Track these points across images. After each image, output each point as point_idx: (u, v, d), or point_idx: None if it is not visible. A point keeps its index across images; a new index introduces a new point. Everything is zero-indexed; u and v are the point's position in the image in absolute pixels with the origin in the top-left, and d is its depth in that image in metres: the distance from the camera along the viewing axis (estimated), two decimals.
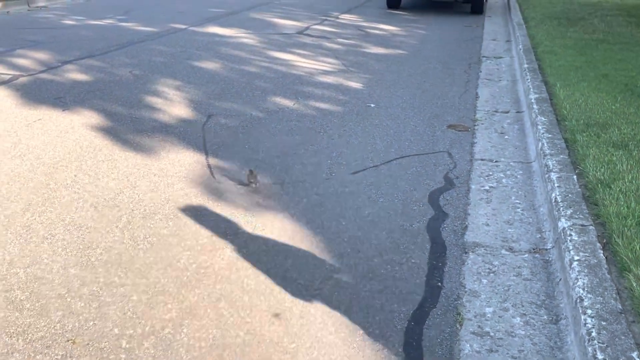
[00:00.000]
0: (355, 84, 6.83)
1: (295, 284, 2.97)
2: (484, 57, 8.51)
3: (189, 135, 5.01)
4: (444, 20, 12.08)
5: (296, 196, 3.96)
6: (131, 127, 5.17)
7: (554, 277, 3.10)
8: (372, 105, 6.04)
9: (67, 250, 3.21)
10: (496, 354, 2.54)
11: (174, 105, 5.82)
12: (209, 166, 4.40)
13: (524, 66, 7.01)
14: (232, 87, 6.54)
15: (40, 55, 7.83)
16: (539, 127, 4.81)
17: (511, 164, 4.59)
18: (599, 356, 2.27)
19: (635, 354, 2.29)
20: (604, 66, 6.87)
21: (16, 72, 6.88)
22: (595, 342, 2.35)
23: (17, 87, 6.27)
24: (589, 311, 2.54)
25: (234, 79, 6.89)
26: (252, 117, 5.53)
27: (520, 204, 3.92)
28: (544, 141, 4.48)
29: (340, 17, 12.18)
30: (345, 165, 4.48)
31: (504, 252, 3.34)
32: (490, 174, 4.39)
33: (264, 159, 4.56)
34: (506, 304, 2.87)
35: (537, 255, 3.32)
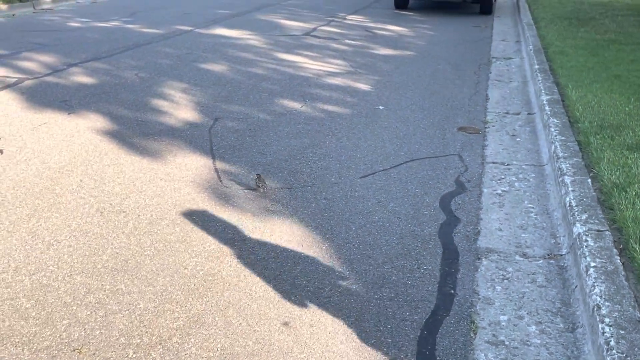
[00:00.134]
0: (363, 86, 6.78)
1: (304, 291, 2.93)
2: (493, 58, 8.46)
3: (195, 138, 4.98)
4: (453, 20, 12.02)
5: (304, 201, 3.92)
6: (137, 130, 5.14)
7: (569, 283, 3.05)
8: (380, 107, 5.99)
9: (73, 256, 3.18)
10: None
11: (180, 108, 5.79)
12: (216, 170, 4.36)
13: (535, 67, 6.95)
14: (239, 89, 6.51)
15: (45, 57, 7.82)
16: (552, 129, 4.76)
17: (523, 167, 4.54)
18: None
19: None
20: (616, 67, 6.80)
21: (22, 75, 6.87)
22: (614, 351, 2.30)
23: (23, 90, 6.25)
24: (607, 319, 2.49)
25: (240, 81, 6.86)
26: (259, 119, 5.49)
27: (533, 208, 3.87)
28: (556, 144, 4.43)
29: (347, 18, 12.14)
30: (354, 168, 4.44)
31: (518, 258, 3.29)
32: (502, 177, 4.34)
33: (271, 162, 4.53)
34: (521, 312, 2.82)
35: (551, 261, 3.27)
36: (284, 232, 3.50)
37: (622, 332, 2.40)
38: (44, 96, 6.06)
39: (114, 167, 4.36)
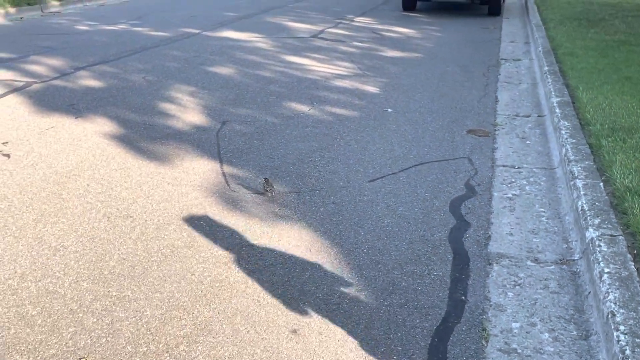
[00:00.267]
0: (371, 88, 6.74)
1: (313, 297, 2.89)
2: (502, 59, 8.40)
3: (203, 142, 4.95)
4: (461, 22, 11.97)
5: (313, 205, 3.88)
6: (144, 134, 5.12)
7: (582, 289, 3.00)
8: (389, 110, 5.95)
9: (80, 262, 3.15)
10: None
11: (187, 111, 5.77)
12: (223, 174, 4.33)
13: (545, 69, 6.89)
14: (247, 92, 6.48)
15: (53, 61, 7.82)
16: (562, 131, 4.71)
17: (534, 170, 4.48)
18: None
19: None
20: (626, 68, 6.73)
21: (29, 79, 6.87)
22: None
23: (30, 94, 6.25)
24: (622, 327, 2.43)
25: (248, 84, 6.83)
26: (267, 123, 5.46)
27: (544, 212, 3.82)
28: (567, 147, 4.38)
29: (355, 20, 12.10)
30: (362, 172, 4.40)
31: (530, 263, 3.24)
32: (512, 180, 4.29)
33: (279, 166, 4.49)
34: (533, 319, 2.77)
35: (564, 266, 3.21)
36: (292, 237, 3.46)
37: (637, 340, 2.35)
38: (51, 100, 6.06)
39: (121, 171, 4.34)
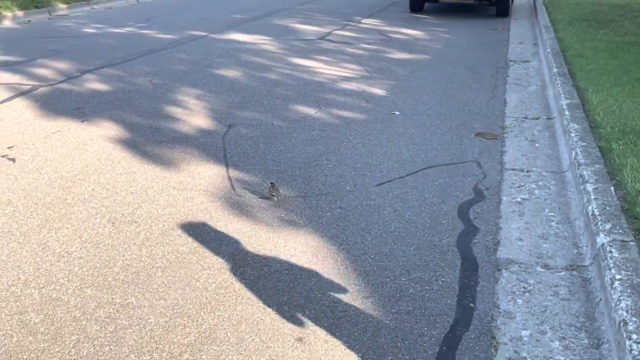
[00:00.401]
0: (378, 91, 6.70)
1: (319, 305, 2.85)
2: (511, 61, 8.34)
3: (209, 146, 4.92)
4: (469, 23, 11.90)
5: (319, 210, 3.84)
6: (150, 138, 5.10)
7: (593, 296, 2.94)
8: (396, 112, 5.90)
9: (84, 269, 3.12)
10: None
11: (194, 115, 5.74)
12: (229, 178, 4.30)
13: (554, 70, 6.82)
14: (253, 95, 6.45)
15: (60, 64, 7.82)
16: (572, 134, 4.65)
17: (543, 174, 4.42)
18: None
19: None
20: (637, 70, 6.66)
21: (36, 82, 6.86)
22: None
23: (37, 98, 6.24)
24: (634, 336, 2.38)
25: (254, 87, 6.80)
26: (273, 126, 5.43)
27: (554, 217, 3.76)
28: (577, 150, 4.32)
29: (362, 21, 12.06)
30: (369, 176, 4.36)
31: (540, 269, 3.18)
32: (521, 184, 4.24)
33: (285, 170, 4.45)
34: (544, 327, 2.72)
35: (574, 272, 3.16)
36: (298, 243, 3.42)
37: None
38: (57, 103, 6.04)
39: (126, 175, 4.31)
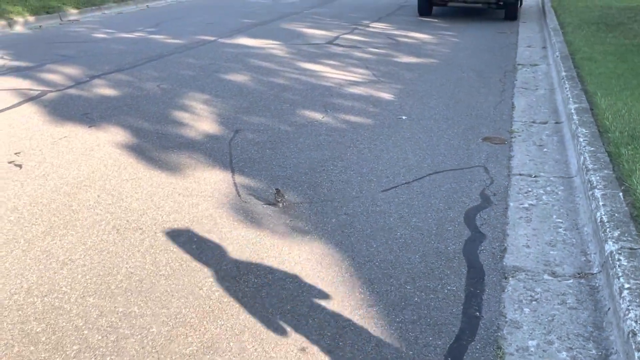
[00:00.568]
0: (386, 95, 6.65)
1: (323, 314, 2.80)
2: (519, 64, 8.26)
3: (215, 151, 4.89)
4: (477, 27, 11.83)
5: (324, 216, 3.79)
6: (157, 143, 5.07)
7: (601, 305, 2.88)
8: (403, 117, 5.85)
9: (87, 277, 3.09)
10: None
11: (201, 120, 5.72)
12: (235, 184, 4.26)
13: (562, 74, 6.75)
14: (260, 100, 6.42)
15: (69, 69, 7.82)
16: (580, 139, 4.58)
17: (551, 179, 4.36)
18: None
19: None
20: None
21: (45, 88, 6.86)
22: None
23: (45, 103, 6.23)
24: None
25: (262, 91, 6.77)
26: (280, 131, 5.39)
27: (562, 223, 3.70)
28: (586, 155, 4.25)
29: (370, 25, 12.01)
30: (375, 182, 4.31)
31: (547, 277, 3.12)
32: (529, 190, 4.17)
33: (291, 175, 4.41)
34: (551, 337, 2.66)
35: (582, 280, 3.10)
36: (302, 250, 3.38)
37: None
38: (65, 109, 6.03)
39: (132, 181, 4.28)
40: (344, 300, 2.92)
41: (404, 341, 2.62)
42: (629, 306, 2.56)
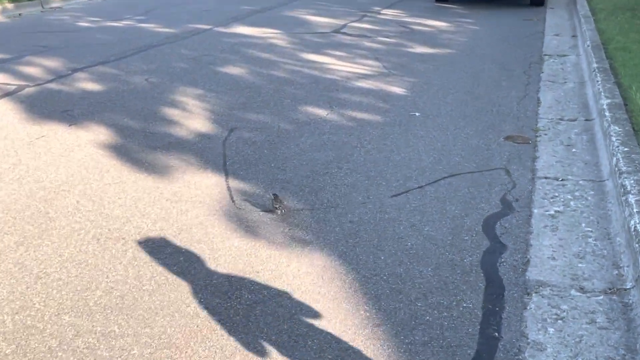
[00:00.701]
0: (397, 90, 6.62)
1: (323, 334, 2.77)
2: (546, 55, 8.22)
3: (207, 152, 4.87)
4: (499, 13, 11.79)
5: (327, 224, 3.77)
6: (144, 143, 5.06)
7: (635, 324, 2.84)
8: (416, 114, 5.83)
9: (63, 292, 3.07)
10: None
11: (193, 117, 5.70)
12: (228, 189, 4.24)
13: (593, 66, 6.71)
14: (259, 95, 6.40)
15: (50, 62, 7.83)
16: (613, 138, 4.54)
17: (580, 182, 4.32)
18: None
19: None
20: None
21: (22, 82, 6.87)
22: None
23: (22, 99, 6.24)
24: None
25: (261, 85, 6.75)
26: (279, 129, 5.37)
27: (592, 232, 3.66)
28: (619, 156, 4.21)
29: (381, 12, 12.00)
30: (384, 186, 4.28)
31: (574, 292, 3.08)
32: (555, 195, 4.14)
33: (291, 179, 4.39)
34: None
35: (614, 296, 3.05)
36: (302, 262, 3.35)
37: None
38: (44, 106, 6.03)
39: (115, 186, 4.27)
40: (347, 318, 2.89)
41: None
42: None
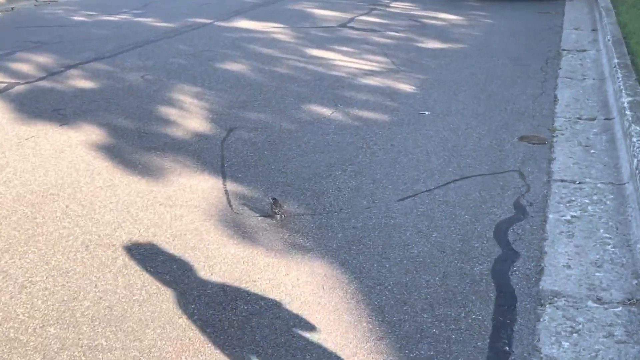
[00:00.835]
0: (406, 87, 6.61)
1: (323, 348, 2.75)
2: (564, 50, 8.19)
3: (205, 153, 4.86)
4: (515, 6, 11.75)
5: (329, 230, 3.74)
6: (138, 144, 5.05)
7: None
8: (426, 112, 5.81)
9: (48, 302, 3.06)
10: None
11: (190, 116, 5.70)
12: (226, 192, 4.22)
13: (614, 61, 6.68)
14: (260, 92, 6.39)
15: (42, 58, 7.84)
16: (634, 139, 4.50)
17: (599, 186, 4.29)
18: None
19: None
20: None
21: (13, 80, 6.88)
22: None
23: (12, 98, 6.24)
24: None
25: (262, 82, 6.74)
26: (281, 129, 5.36)
27: (610, 239, 3.62)
28: None
29: (391, 5, 11.99)
30: (391, 189, 4.26)
31: (591, 304, 3.05)
32: (572, 199, 4.11)
33: (292, 182, 4.37)
34: None
35: (633, 308, 3.02)
36: (302, 271, 3.33)
37: None
38: (35, 104, 6.04)
39: (106, 189, 4.26)
40: (349, 331, 2.86)
41: None
42: None
